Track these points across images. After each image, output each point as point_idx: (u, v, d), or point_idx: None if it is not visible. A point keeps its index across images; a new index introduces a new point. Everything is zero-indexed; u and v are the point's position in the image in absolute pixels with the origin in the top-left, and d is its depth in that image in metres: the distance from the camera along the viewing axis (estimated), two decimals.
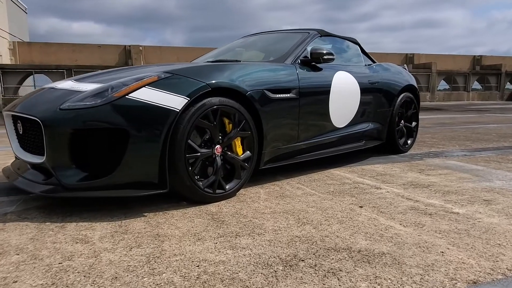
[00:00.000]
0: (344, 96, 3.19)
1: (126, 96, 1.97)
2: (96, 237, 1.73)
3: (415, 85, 4.18)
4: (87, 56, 20.68)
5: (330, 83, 3.02)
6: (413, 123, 4.14)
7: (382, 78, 3.70)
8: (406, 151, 4.01)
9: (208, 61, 3.09)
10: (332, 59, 2.94)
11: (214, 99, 2.19)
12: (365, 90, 3.42)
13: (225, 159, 2.32)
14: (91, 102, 1.97)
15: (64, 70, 15.35)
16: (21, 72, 15.77)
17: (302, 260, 1.49)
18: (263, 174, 2.89)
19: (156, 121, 1.99)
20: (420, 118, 4.67)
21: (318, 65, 3.00)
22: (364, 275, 1.37)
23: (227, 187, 2.31)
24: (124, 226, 1.87)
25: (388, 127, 3.76)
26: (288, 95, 2.65)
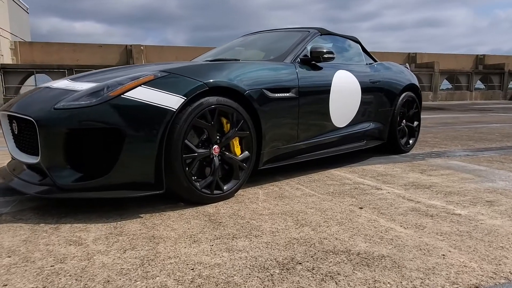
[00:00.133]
0: (345, 96, 3.15)
1: (122, 96, 1.94)
2: (90, 239, 1.70)
3: (417, 84, 4.14)
4: (89, 56, 20.71)
5: (330, 82, 2.99)
6: (415, 123, 4.10)
7: (383, 77, 3.65)
8: (408, 151, 3.97)
9: (207, 60, 3.06)
10: (332, 58, 2.91)
11: (212, 99, 2.16)
12: (366, 89, 3.38)
13: (223, 160, 2.29)
14: (86, 102, 1.94)
15: (66, 70, 15.37)
16: (23, 72, 15.81)
17: (300, 263, 1.46)
18: (262, 174, 2.85)
19: (152, 121, 1.95)
20: (423, 118, 4.63)
21: (318, 64, 2.96)
22: (363, 279, 1.33)
23: (225, 188, 2.27)
24: (119, 228, 1.83)
25: (390, 127, 3.72)
26: (288, 95, 2.62)
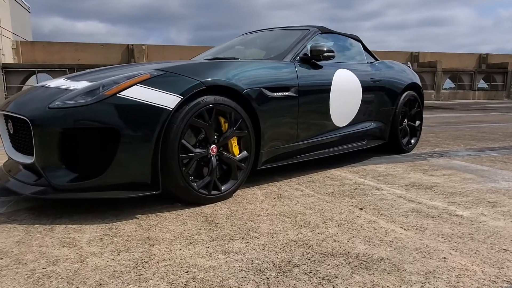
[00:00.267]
0: (345, 95, 3.11)
1: (117, 95, 1.90)
2: (84, 241, 1.67)
3: (419, 83, 4.09)
4: (90, 55, 20.72)
5: (331, 81, 2.95)
6: (417, 122, 4.05)
7: (385, 76, 3.61)
8: (410, 151, 3.92)
9: (206, 59, 3.03)
10: (333, 57, 2.87)
11: (209, 98, 2.12)
12: (367, 88, 3.33)
13: (221, 159, 2.25)
14: (81, 101, 1.91)
15: (67, 69, 15.37)
16: (24, 71, 15.82)
17: (297, 266, 1.42)
18: (261, 175, 2.82)
19: (148, 120, 1.92)
20: (425, 117, 4.59)
21: (318, 63, 2.92)
22: (361, 283, 1.30)
23: (223, 188, 2.24)
24: (115, 229, 1.81)
25: (391, 126, 3.68)
26: (287, 94, 2.58)
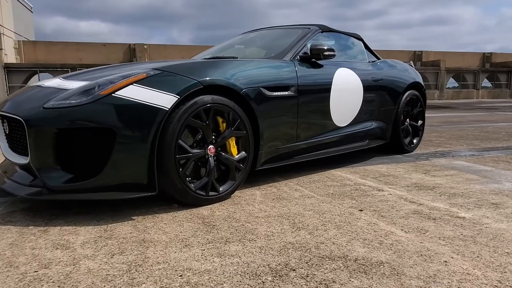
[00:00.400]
0: (346, 94, 3.07)
1: (113, 94, 1.88)
2: (78, 243, 1.64)
3: (422, 83, 4.04)
4: (92, 55, 20.74)
5: (331, 81, 2.91)
6: (419, 122, 4.01)
7: (387, 75, 3.57)
8: (412, 151, 3.88)
9: (205, 58, 3.00)
10: (333, 56, 2.83)
11: (207, 97, 2.09)
12: (368, 88, 3.29)
13: (219, 160, 2.22)
14: (77, 101, 1.88)
15: (69, 69, 15.39)
16: (26, 71, 15.85)
17: (294, 270, 1.39)
18: (261, 175, 2.79)
19: (144, 120, 1.89)
20: (428, 117, 4.54)
21: (319, 62, 2.88)
22: None
23: (221, 189, 2.21)
24: (110, 231, 1.78)
25: (393, 126, 3.63)
26: (286, 93, 2.54)
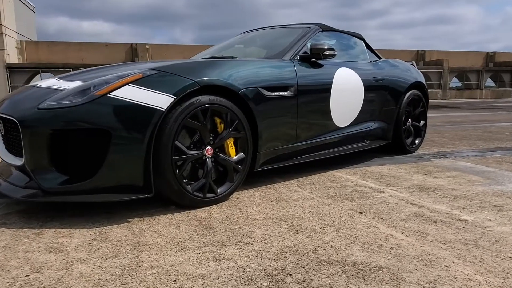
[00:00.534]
0: (347, 94, 3.03)
1: (108, 95, 1.85)
2: (72, 246, 1.61)
3: (424, 82, 4.00)
4: (94, 55, 20.76)
5: (331, 80, 2.87)
6: (421, 122, 3.96)
7: (388, 75, 3.52)
8: (414, 151, 3.83)
9: (204, 58, 2.96)
10: (333, 55, 2.79)
11: (204, 98, 2.06)
12: (370, 88, 3.25)
13: (217, 161, 2.19)
14: (71, 101, 1.85)
15: (71, 69, 15.42)
16: (28, 71, 15.88)
17: (290, 275, 1.35)
18: (260, 176, 2.75)
19: (140, 121, 1.86)
20: (431, 116, 4.49)
21: (319, 61, 2.85)
22: None
23: (219, 191, 2.17)
24: (105, 233, 1.75)
25: (395, 126, 3.59)
26: (285, 93, 2.51)
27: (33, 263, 1.46)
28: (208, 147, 2.13)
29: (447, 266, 1.41)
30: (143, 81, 1.93)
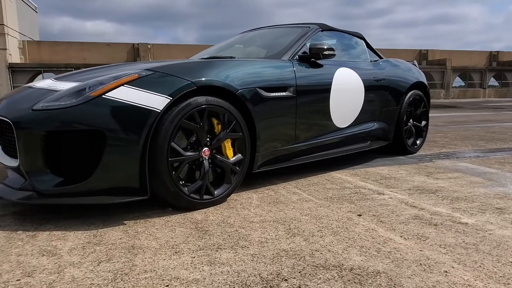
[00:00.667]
0: (347, 94, 3.00)
1: (103, 96, 1.82)
2: (66, 249, 1.59)
3: (425, 82, 3.96)
4: (96, 55, 20.78)
5: (331, 81, 2.84)
6: (423, 122, 3.92)
7: (389, 75, 3.49)
8: (415, 152, 3.80)
9: (203, 58, 2.94)
10: (333, 55, 2.76)
11: (200, 99, 2.03)
12: (370, 88, 3.22)
13: (214, 163, 2.17)
14: (66, 102, 1.83)
15: (73, 69, 15.44)
16: (31, 71, 15.92)
17: (285, 280, 1.33)
18: (259, 177, 2.72)
19: (135, 122, 1.84)
20: (433, 116, 4.45)
21: (318, 61, 2.81)
22: None
23: (216, 193, 2.15)
24: (99, 236, 1.73)
25: (395, 127, 3.55)
26: (284, 94, 2.48)
27: (25, 267, 1.44)
28: (205, 149, 2.10)
29: (447, 271, 1.38)
30: (139, 82, 1.90)
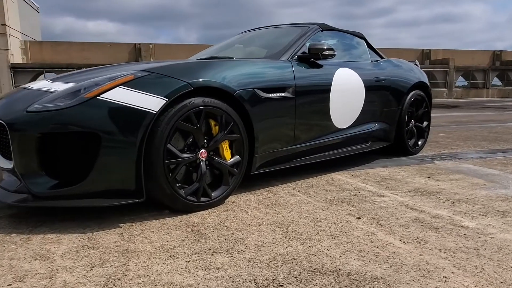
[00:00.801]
0: (347, 95, 2.97)
1: (98, 97, 1.80)
2: (59, 253, 1.57)
3: (427, 82, 3.92)
4: (98, 55, 20.81)
5: (331, 81, 2.81)
6: (424, 123, 3.88)
7: (390, 75, 3.45)
8: (417, 153, 3.76)
9: (201, 58, 2.91)
10: (333, 55, 2.72)
11: (197, 100, 2.01)
12: (371, 88, 3.18)
13: (211, 165, 2.14)
14: (61, 104, 1.81)
15: (74, 69, 15.46)
16: (32, 71, 15.94)
17: (281, 286, 1.30)
18: (258, 179, 2.70)
19: (131, 124, 1.82)
20: (436, 116, 4.41)
21: (318, 62, 2.78)
22: None
23: (213, 195, 2.12)
24: (94, 239, 1.70)
25: (397, 127, 3.52)
26: (283, 94, 2.45)
27: (17, 271, 1.41)
28: (202, 150, 2.08)
29: (446, 277, 1.34)
30: (134, 83, 1.88)
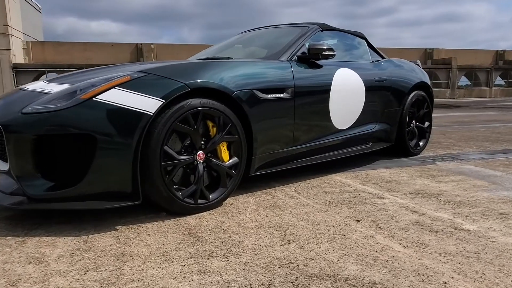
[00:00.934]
0: (347, 95, 2.94)
1: (94, 99, 1.78)
2: (54, 256, 1.55)
3: (428, 83, 3.88)
4: (100, 55, 20.83)
5: (331, 81, 2.78)
6: (426, 123, 3.85)
7: (391, 75, 3.42)
8: (418, 154, 3.73)
9: (200, 59, 2.89)
10: (333, 55, 2.70)
11: (194, 101, 1.99)
12: (371, 88, 3.16)
13: (209, 166, 2.12)
14: (56, 105, 1.79)
15: (76, 69, 15.47)
16: (34, 71, 15.96)
17: None
18: (257, 180, 2.67)
19: (127, 126, 1.80)
20: (438, 116, 4.38)
21: (318, 62, 2.76)
22: None
23: (211, 197, 2.10)
24: (89, 243, 1.68)
25: (398, 128, 3.49)
26: (282, 95, 2.43)
27: (10, 276, 1.40)
28: (200, 152, 2.06)
29: (446, 283, 1.32)
30: (131, 84, 1.86)
